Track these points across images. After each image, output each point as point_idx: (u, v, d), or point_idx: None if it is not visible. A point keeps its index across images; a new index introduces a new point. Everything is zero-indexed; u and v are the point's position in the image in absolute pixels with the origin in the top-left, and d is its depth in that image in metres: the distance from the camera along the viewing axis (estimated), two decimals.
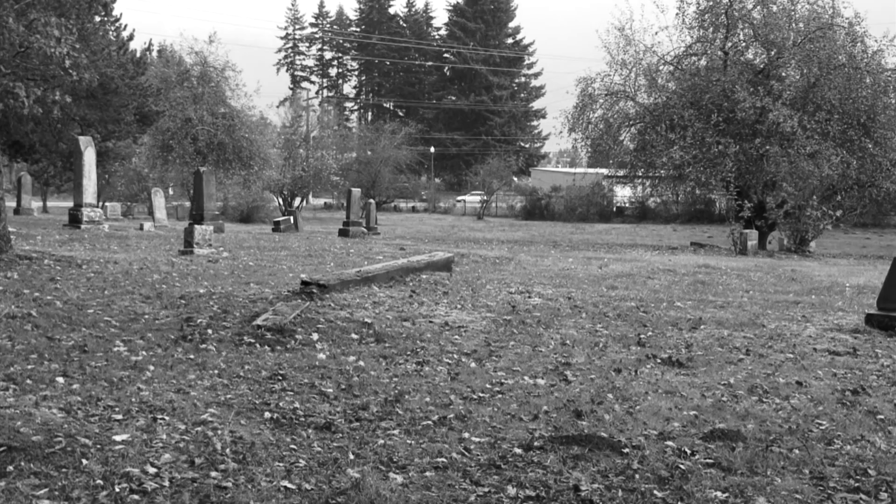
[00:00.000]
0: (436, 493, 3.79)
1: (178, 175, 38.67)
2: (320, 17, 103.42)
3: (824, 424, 5.06)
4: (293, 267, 13.03)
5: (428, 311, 8.60)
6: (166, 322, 7.52)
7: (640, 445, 4.54)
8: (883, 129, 24.21)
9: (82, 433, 4.29)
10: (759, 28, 25.91)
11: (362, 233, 25.93)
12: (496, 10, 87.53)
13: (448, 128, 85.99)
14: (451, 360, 6.58)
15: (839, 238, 32.45)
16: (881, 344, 7.75)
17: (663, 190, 30.49)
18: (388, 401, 5.29)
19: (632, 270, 14.94)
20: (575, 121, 28.75)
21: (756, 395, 5.78)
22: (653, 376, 6.26)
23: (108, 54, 23.59)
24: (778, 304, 10.56)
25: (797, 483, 4.05)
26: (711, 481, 4.01)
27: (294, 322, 7.45)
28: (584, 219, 47.83)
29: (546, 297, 10.24)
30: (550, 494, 3.82)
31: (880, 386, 6.14)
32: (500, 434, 4.71)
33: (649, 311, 9.45)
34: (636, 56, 28.15)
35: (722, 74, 25.34)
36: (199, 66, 37.60)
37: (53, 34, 11.54)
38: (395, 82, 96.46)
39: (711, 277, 14.31)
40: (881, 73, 25.03)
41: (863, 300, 11.21)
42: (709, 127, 24.84)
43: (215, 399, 5.17)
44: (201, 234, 15.08)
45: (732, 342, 7.69)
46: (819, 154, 23.39)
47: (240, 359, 6.29)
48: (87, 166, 20.16)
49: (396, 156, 53.41)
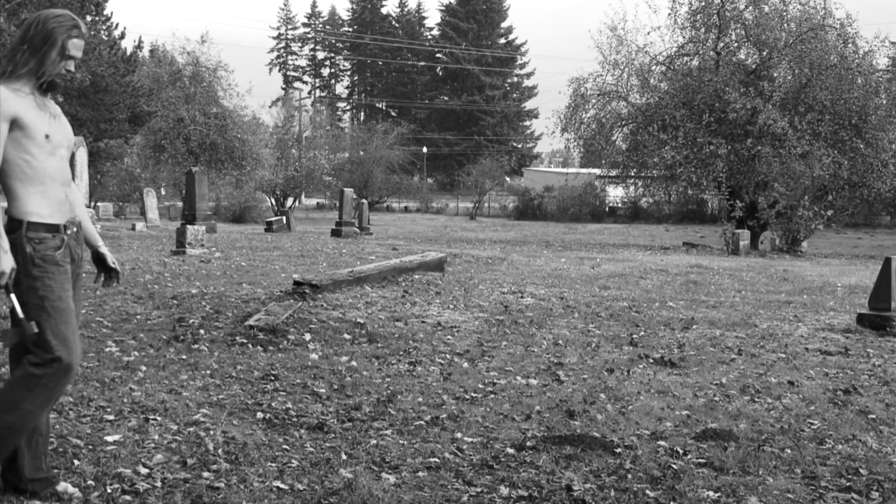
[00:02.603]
0: (428, 494, 3.79)
1: (171, 175, 38.55)
2: (313, 17, 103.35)
3: (816, 424, 5.08)
4: (285, 267, 13.02)
5: (420, 312, 8.60)
6: (158, 322, 7.50)
7: (633, 445, 4.55)
8: (874, 130, 24.29)
9: (74, 434, 4.28)
10: (750, 28, 25.99)
11: (355, 233, 25.91)
12: (488, 10, 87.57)
13: (440, 128, 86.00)
14: (443, 361, 6.58)
15: (831, 238, 32.56)
16: (873, 343, 7.78)
17: (655, 190, 30.56)
18: (380, 401, 5.29)
19: (624, 270, 14.96)
20: (567, 121, 28.78)
21: (748, 394, 5.79)
22: (645, 376, 6.27)
23: (99, 53, 23.54)
24: (770, 304, 10.59)
25: (789, 482, 4.06)
26: (703, 481, 4.02)
27: (286, 322, 7.44)
28: (577, 219, 47.87)
29: (538, 297, 10.25)
30: (543, 494, 3.82)
31: (872, 385, 6.16)
32: (493, 434, 4.71)
33: (641, 311, 9.46)
34: (628, 56, 28.21)
35: (714, 75, 25.41)
36: (191, 65, 37.54)
37: None
38: (388, 82, 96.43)
39: (703, 277, 14.35)
40: (872, 74, 25.12)
41: (854, 300, 11.25)
42: (700, 127, 24.90)
43: (207, 399, 5.16)
44: (193, 234, 15.05)
45: (724, 342, 7.71)
46: (810, 154, 23.46)
47: (232, 359, 6.28)
48: (78, 166, 20.07)
49: (389, 156, 53.38)
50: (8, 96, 3.24)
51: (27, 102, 3.29)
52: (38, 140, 3.30)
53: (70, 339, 3.32)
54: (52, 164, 3.36)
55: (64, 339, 3.30)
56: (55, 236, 3.34)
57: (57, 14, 3.39)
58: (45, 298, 3.28)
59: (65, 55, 3.35)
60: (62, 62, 3.35)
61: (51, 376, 3.29)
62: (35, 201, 3.31)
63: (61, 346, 3.28)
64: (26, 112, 3.27)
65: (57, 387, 3.33)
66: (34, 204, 3.30)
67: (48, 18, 3.34)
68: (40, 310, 3.27)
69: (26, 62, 3.31)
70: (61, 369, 3.30)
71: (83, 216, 3.58)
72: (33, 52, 3.31)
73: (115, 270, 3.68)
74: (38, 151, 3.30)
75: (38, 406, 3.32)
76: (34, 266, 3.28)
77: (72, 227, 3.42)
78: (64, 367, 3.30)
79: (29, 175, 3.29)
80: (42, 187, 3.32)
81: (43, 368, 3.28)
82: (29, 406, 3.29)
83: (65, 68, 3.37)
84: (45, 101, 3.40)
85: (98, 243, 3.67)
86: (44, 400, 3.32)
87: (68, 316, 3.33)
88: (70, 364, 3.31)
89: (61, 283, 3.33)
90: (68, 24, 3.35)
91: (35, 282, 3.28)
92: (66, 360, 3.29)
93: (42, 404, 3.33)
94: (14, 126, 3.25)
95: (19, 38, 3.33)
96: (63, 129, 3.45)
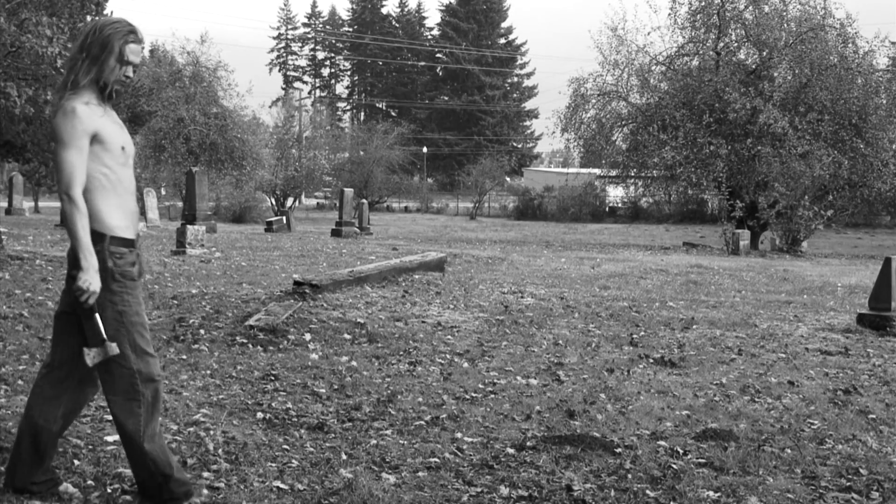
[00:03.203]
0: (428, 494, 3.79)
1: (171, 175, 38.50)
2: (313, 17, 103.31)
3: (816, 424, 5.08)
4: (286, 267, 13.02)
5: (420, 312, 8.60)
6: (158, 322, 7.50)
7: (633, 445, 4.55)
8: (874, 130, 24.27)
9: (74, 434, 4.28)
10: (750, 29, 25.96)
11: (355, 233, 25.90)
12: (488, 10, 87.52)
13: (440, 128, 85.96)
14: (443, 361, 6.58)
15: (831, 238, 32.55)
16: (873, 343, 7.78)
17: (655, 190, 30.55)
18: (380, 401, 5.29)
19: (624, 270, 14.96)
20: (567, 121, 28.75)
21: (748, 394, 5.79)
22: (645, 376, 6.27)
23: None
24: (770, 304, 10.59)
25: (789, 482, 4.06)
26: (704, 481, 4.02)
27: (286, 322, 7.44)
28: (577, 219, 47.83)
29: (538, 297, 10.25)
30: (543, 494, 3.83)
31: (872, 385, 6.16)
32: (493, 434, 4.71)
33: (642, 310, 9.46)
34: (628, 56, 28.18)
35: (714, 75, 25.39)
36: (191, 65, 37.50)
37: (45, 34, 11.51)
38: (388, 82, 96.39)
39: (704, 277, 14.35)
40: (872, 74, 25.10)
41: (854, 300, 11.25)
42: (700, 127, 24.87)
43: (207, 399, 5.16)
44: (193, 234, 15.05)
45: (724, 342, 7.71)
46: (811, 154, 23.44)
47: (232, 359, 6.28)
48: None
49: (389, 156, 53.31)
50: (86, 112, 3.25)
51: (100, 114, 3.32)
52: (115, 152, 3.32)
53: (147, 353, 3.35)
54: (126, 175, 3.38)
55: (142, 353, 3.33)
56: (131, 251, 3.36)
57: (113, 21, 3.40)
58: (124, 314, 3.29)
59: (123, 61, 3.35)
60: (121, 68, 3.36)
61: (143, 393, 3.33)
62: (115, 215, 3.32)
63: (139, 360, 3.30)
64: (104, 125, 3.30)
65: (155, 398, 3.38)
66: (115, 217, 3.32)
67: (104, 26, 3.34)
68: (118, 325, 3.29)
69: (87, 72, 3.31)
70: (143, 382, 3.32)
71: None
72: (92, 61, 3.31)
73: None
74: (115, 163, 3.33)
75: (151, 421, 3.37)
76: (114, 281, 3.28)
77: (139, 241, 3.45)
78: (144, 378, 3.32)
79: (107, 188, 3.31)
80: (119, 199, 3.34)
81: (129, 394, 3.33)
82: (147, 429, 3.35)
83: (124, 74, 3.38)
84: (109, 111, 3.41)
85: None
86: (149, 415, 3.37)
87: (144, 330, 3.36)
88: (150, 374, 3.34)
89: (137, 298, 3.36)
90: (125, 30, 3.36)
91: (114, 297, 3.29)
92: (146, 372, 3.32)
93: (149, 419, 3.37)
94: (94, 140, 3.26)
95: (77, 48, 3.34)
96: (129, 138, 3.48)
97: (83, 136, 3.22)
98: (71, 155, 3.20)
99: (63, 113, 3.23)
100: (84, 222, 3.20)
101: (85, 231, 3.20)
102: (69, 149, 3.20)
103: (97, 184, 3.28)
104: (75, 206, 3.20)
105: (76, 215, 3.19)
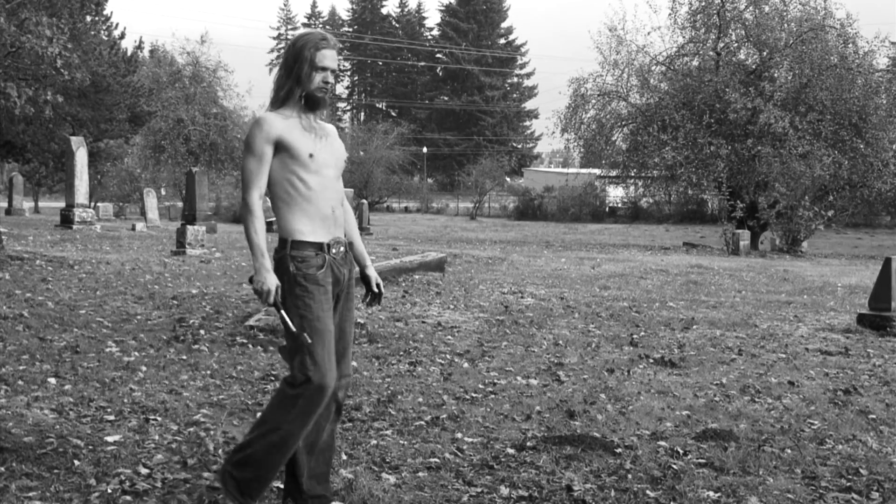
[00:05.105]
0: (428, 494, 3.79)
1: (171, 175, 38.58)
2: (313, 17, 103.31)
3: (816, 424, 5.07)
4: None
5: (420, 312, 8.60)
6: (159, 323, 7.51)
7: (633, 445, 4.55)
8: (874, 130, 24.27)
9: (74, 434, 4.28)
10: (751, 29, 25.96)
11: None
12: (488, 10, 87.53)
13: (440, 128, 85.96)
14: (443, 361, 6.58)
15: (831, 238, 32.55)
16: (873, 344, 7.78)
17: (655, 190, 30.55)
18: (380, 401, 5.29)
19: (624, 270, 14.96)
20: (567, 121, 28.74)
21: (748, 394, 5.79)
22: (645, 376, 6.27)
23: (99, 53, 23.54)
24: (770, 304, 10.59)
25: (789, 482, 4.06)
26: (704, 481, 4.02)
27: None
28: (577, 219, 47.82)
29: (539, 297, 10.25)
30: (543, 494, 3.82)
31: (872, 385, 6.16)
32: (493, 434, 4.71)
33: (642, 311, 9.46)
34: (628, 56, 28.17)
35: (714, 75, 25.40)
36: (190, 66, 37.57)
37: (45, 34, 11.52)
38: (388, 82, 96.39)
39: (704, 277, 14.35)
40: (873, 74, 25.10)
41: (854, 300, 11.25)
42: (701, 127, 24.87)
43: (208, 399, 5.17)
44: (193, 234, 15.06)
45: (725, 342, 7.71)
46: (811, 154, 23.44)
47: (232, 359, 6.28)
48: (78, 166, 20.11)
49: (389, 156, 53.34)
50: (272, 119, 3.35)
51: (291, 124, 3.37)
52: (302, 160, 3.36)
53: (324, 361, 3.30)
54: (316, 183, 3.40)
55: (319, 360, 3.29)
56: (318, 255, 3.37)
57: (306, 32, 3.48)
58: (304, 318, 3.29)
59: (315, 67, 3.39)
60: (316, 75, 3.40)
61: (305, 397, 3.28)
62: (298, 219, 3.37)
63: (314, 368, 3.27)
64: (289, 133, 3.35)
65: (312, 407, 3.31)
66: (297, 222, 3.37)
67: (297, 38, 3.44)
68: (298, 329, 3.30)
69: (284, 84, 3.41)
70: (313, 390, 3.28)
71: (354, 236, 3.62)
72: (288, 73, 3.40)
73: (379, 293, 3.73)
74: (302, 171, 3.37)
75: (298, 426, 3.31)
76: (296, 285, 3.31)
77: (337, 246, 3.44)
78: (315, 388, 3.28)
79: (292, 194, 3.37)
80: (305, 205, 3.37)
81: (297, 389, 3.29)
82: (288, 427, 3.30)
83: (322, 80, 3.42)
84: (313, 122, 3.45)
85: (366, 263, 3.71)
86: (301, 421, 3.31)
87: (325, 337, 3.32)
88: (321, 385, 3.28)
89: (321, 304, 3.34)
90: (315, 38, 3.42)
91: (296, 300, 3.31)
92: (317, 381, 3.27)
93: (301, 425, 3.32)
94: (279, 147, 3.34)
95: (280, 66, 3.46)
96: (331, 148, 3.51)
97: (264, 144, 3.33)
98: (250, 162, 3.35)
99: (253, 122, 3.41)
100: (257, 225, 3.32)
101: (256, 233, 3.30)
102: (249, 156, 3.35)
103: (281, 190, 3.38)
104: (248, 210, 3.33)
105: (248, 218, 3.33)
